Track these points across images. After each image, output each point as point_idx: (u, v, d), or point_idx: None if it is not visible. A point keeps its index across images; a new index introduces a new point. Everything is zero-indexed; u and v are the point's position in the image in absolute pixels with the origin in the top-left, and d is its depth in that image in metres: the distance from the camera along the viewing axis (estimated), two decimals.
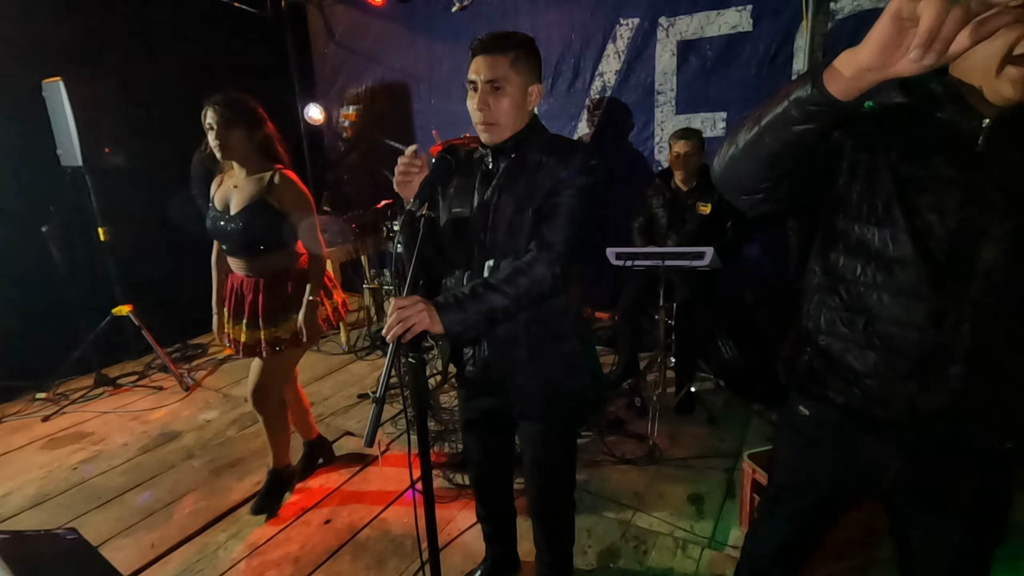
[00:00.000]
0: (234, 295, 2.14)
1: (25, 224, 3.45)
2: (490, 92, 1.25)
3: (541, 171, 1.29)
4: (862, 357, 0.98)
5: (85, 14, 3.70)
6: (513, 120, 1.29)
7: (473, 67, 1.27)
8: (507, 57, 1.25)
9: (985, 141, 0.87)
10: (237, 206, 2.01)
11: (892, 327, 0.94)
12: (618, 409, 2.97)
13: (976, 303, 0.88)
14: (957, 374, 0.90)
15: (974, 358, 0.89)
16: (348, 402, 3.30)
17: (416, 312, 1.13)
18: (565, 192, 1.26)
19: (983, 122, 0.86)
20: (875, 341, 0.96)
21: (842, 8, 2.96)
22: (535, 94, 1.32)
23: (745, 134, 0.85)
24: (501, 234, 1.31)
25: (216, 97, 1.96)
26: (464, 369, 1.44)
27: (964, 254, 0.88)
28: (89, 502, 2.46)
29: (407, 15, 4.37)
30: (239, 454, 2.78)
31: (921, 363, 0.92)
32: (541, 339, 1.38)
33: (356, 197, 4.93)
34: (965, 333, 0.89)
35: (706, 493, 2.30)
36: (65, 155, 3.32)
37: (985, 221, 0.86)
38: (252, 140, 2.00)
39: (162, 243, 4.03)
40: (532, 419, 1.47)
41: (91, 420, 3.23)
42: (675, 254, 2.65)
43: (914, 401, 0.94)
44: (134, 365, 3.94)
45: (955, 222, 0.87)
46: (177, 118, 4.02)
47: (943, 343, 0.90)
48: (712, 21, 3.31)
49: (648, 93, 3.62)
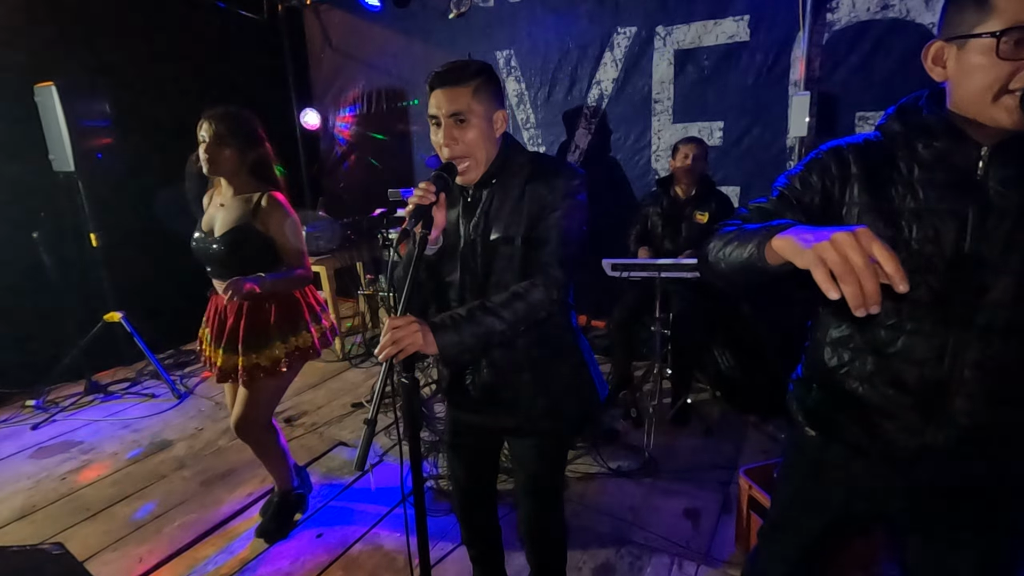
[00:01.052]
0: (217, 317, 2.04)
1: (16, 229, 3.41)
2: (454, 126, 1.21)
3: (526, 197, 1.25)
4: (868, 393, 0.96)
5: (78, 18, 3.67)
6: (485, 152, 1.25)
7: (433, 101, 1.22)
8: (468, 88, 1.20)
9: (984, 169, 0.86)
10: (221, 228, 1.91)
11: (896, 362, 0.92)
12: (614, 420, 2.95)
13: (980, 335, 0.86)
14: (963, 408, 0.89)
15: (979, 391, 0.88)
16: (342, 411, 3.27)
17: (410, 333, 1.10)
18: (553, 216, 1.24)
19: (982, 150, 0.86)
20: (880, 376, 0.94)
21: (839, 19, 2.96)
22: (500, 120, 1.27)
23: (726, 257, 0.89)
24: (490, 263, 1.28)
25: (215, 110, 1.89)
26: (465, 393, 1.41)
27: (965, 286, 0.86)
28: (77, 514, 2.42)
29: (404, 21, 4.36)
30: (230, 465, 2.75)
31: (926, 397, 0.91)
32: (543, 360, 1.36)
33: (352, 202, 4.90)
34: (969, 366, 0.87)
35: (702, 508, 2.28)
36: (57, 160, 3.29)
37: (986, 251, 0.85)
38: (243, 160, 1.92)
39: (154, 248, 3.99)
40: (530, 435, 1.45)
41: (81, 428, 3.19)
42: (671, 265, 2.63)
43: (921, 435, 0.92)
44: (126, 372, 3.90)
45: (954, 253, 0.86)
46: (171, 123, 4.01)
47: (947, 377, 0.89)
48: (710, 31, 3.31)
49: (645, 102, 3.62)
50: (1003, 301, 0.85)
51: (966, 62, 0.81)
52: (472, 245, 1.30)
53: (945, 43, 0.85)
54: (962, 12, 0.81)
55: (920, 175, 0.89)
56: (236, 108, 1.93)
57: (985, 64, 0.78)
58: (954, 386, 0.89)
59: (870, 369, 0.96)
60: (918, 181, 0.89)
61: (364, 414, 3.23)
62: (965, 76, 0.82)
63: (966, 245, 0.85)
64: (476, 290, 1.32)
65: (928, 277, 0.88)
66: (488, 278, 1.30)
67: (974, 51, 0.80)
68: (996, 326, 0.86)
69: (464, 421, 1.50)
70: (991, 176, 0.85)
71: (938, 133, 0.88)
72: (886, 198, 0.91)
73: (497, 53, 4.07)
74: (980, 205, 0.85)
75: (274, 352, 1.99)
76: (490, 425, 1.47)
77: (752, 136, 3.35)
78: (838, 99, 3.06)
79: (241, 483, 2.59)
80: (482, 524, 1.65)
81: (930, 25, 2.73)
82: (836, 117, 3.08)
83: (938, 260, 0.87)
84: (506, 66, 4.07)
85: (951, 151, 0.87)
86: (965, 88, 0.83)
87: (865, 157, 0.94)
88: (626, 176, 3.79)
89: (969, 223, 0.85)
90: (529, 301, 1.21)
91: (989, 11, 0.77)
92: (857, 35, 2.93)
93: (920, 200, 0.89)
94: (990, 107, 0.80)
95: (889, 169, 0.92)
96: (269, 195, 1.92)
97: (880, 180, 0.92)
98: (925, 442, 0.93)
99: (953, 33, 0.83)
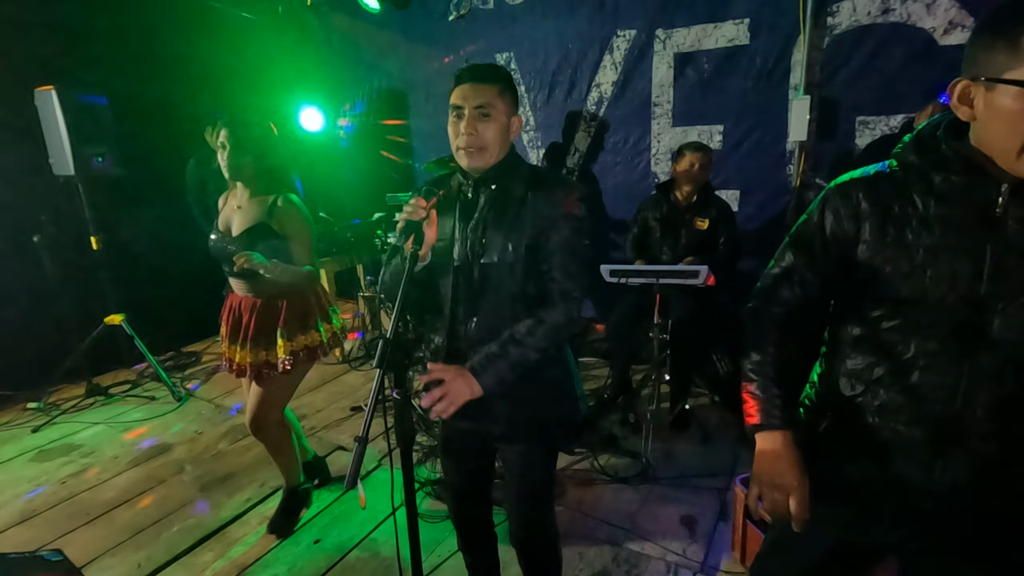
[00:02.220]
0: (232, 315, 2.11)
1: (17, 233, 3.43)
2: (478, 118, 1.26)
3: (527, 206, 1.28)
4: (881, 426, 0.96)
5: (78, 22, 3.68)
6: (499, 146, 1.30)
7: (459, 93, 1.28)
8: (495, 87, 1.27)
9: (1004, 207, 0.83)
10: (238, 228, 1.99)
11: (909, 398, 0.92)
12: (612, 425, 2.95)
13: (994, 375, 0.85)
14: (975, 445, 0.88)
15: (991, 431, 0.87)
16: (341, 415, 3.28)
17: (459, 388, 1.20)
18: (562, 232, 1.27)
19: (1002, 187, 0.83)
20: (893, 411, 0.94)
21: (839, 23, 2.95)
22: (516, 125, 1.34)
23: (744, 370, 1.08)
24: (490, 269, 1.29)
25: (231, 117, 1.96)
26: None
27: (978, 323, 0.85)
28: (77, 519, 2.43)
29: (404, 23, 4.35)
30: (230, 469, 2.76)
31: (938, 434, 0.90)
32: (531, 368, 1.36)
33: (352, 204, 4.90)
34: (982, 405, 0.86)
35: (699, 515, 2.28)
36: (57, 164, 3.29)
37: (1001, 288, 0.83)
38: (261, 163, 1.99)
39: (154, 250, 4.02)
40: (518, 442, 1.46)
41: (82, 432, 3.21)
42: (669, 272, 2.63)
43: (931, 471, 0.92)
44: (127, 374, 3.92)
45: (970, 291, 0.84)
46: (171, 126, 4.03)
47: (959, 415, 0.88)
48: (709, 34, 3.29)
49: (645, 105, 3.61)
50: (1018, 341, 0.83)
51: (996, 105, 0.77)
52: (470, 249, 1.31)
53: (972, 82, 0.80)
54: (992, 52, 0.77)
55: (936, 210, 0.87)
56: (249, 113, 2.01)
57: (1016, 111, 0.74)
58: (966, 424, 0.88)
59: (883, 403, 0.95)
60: (934, 217, 0.87)
61: (363, 417, 3.24)
62: (993, 119, 0.78)
63: (983, 283, 0.84)
64: (470, 296, 1.33)
65: (943, 315, 0.86)
66: (484, 284, 1.31)
67: (1005, 94, 0.75)
68: (1010, 366, 0.84)
69: (456, 427, 1.51)
70: (1011, 214, 0.82)
71: (957, 167, 0.85)
72: (900, 235, 0.89)
73: (497, 55, 4.06)
74: (998, 243, 0.83)
75: (285, 349, 2.05)
76: (480, 431, 1.48)
77: (752, 140, 3.33)
78: (839, 103, 3.04)
79: (240, 488, 2.59)
80: (477, 529, 1.66)
81: (931, 30, 2.72)
82: (837, 121, 3.07)
83: (954, 298, 0.85)
84: (506, 68, 4.06)
85: (970, 186, 0.85)
86: (992, 131, 0.80)
87: (876, 193, 0.92)
88: (625, 179, 3.78)
89: (986, 262, 0.83)
90: (553, 324, 1.26)
91: (1022, 57, 0.73)
92: (858, 39, 2.92)
93: (936, 236, 0.86)
94: (1015, 159, 0.77)
95: (904, 204, 0.89)
96: (285, 197, 2.00)
97: (894, 217, 0.89)
98: (935, 478, 0.92)
99: (981, 73, 0.78)
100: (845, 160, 3.04)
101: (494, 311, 1.31)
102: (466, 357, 1.35)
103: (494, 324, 1.31)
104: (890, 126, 2.92)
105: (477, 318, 1.33)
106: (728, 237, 2.97)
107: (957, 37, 2.67)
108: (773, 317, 1.07)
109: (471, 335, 1.34)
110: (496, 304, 1.31)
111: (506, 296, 1.30)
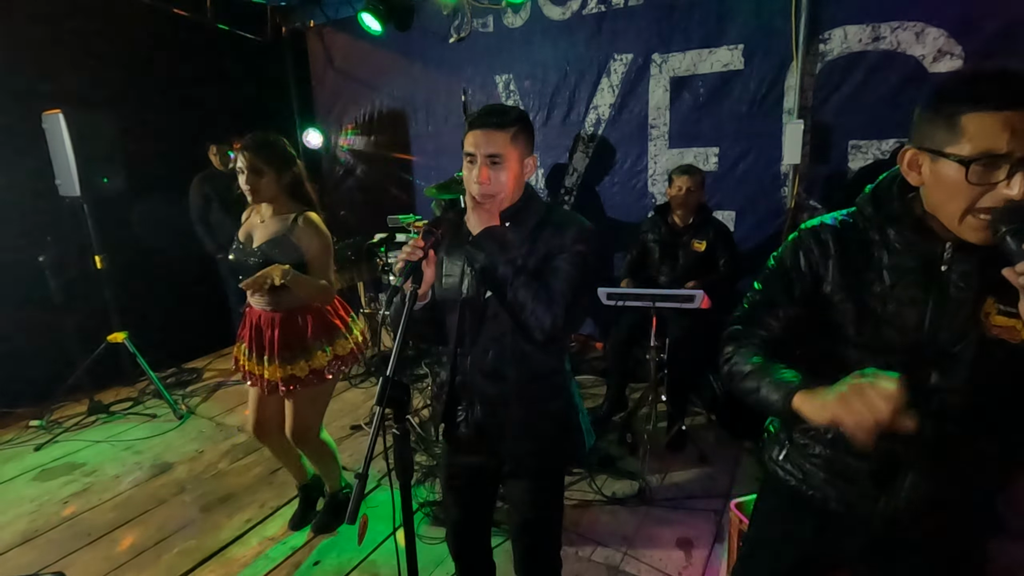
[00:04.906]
0: (253, 329, 2.15)
1: (22, 254, 3.48)
2: (490, 166, 1.27)
3: (538, 241, 1.31)
4: (831, 457, 1.02)
5: (84, 43, 3.75)
6: (512, 192, 1.32)
7: (472, 140, 1.29)
8: (507, 133, 1.27)
9: (948, 263, 0.89)
10: (258, 241, 2.05)
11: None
12: (609, 445, 2.98)
13: (933, 417, 0.90)
14: (913, 483, 0.94)
15: (929, 470, 0.93)
16: (341, 433, 3.30)
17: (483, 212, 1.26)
18: (561, 256, 1.30)
19: (946, 245, 0.89)
20: (840, 444, 1.00)
21: (831, 50, 3.01)
22: (531, 166, 1.35)
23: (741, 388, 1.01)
24: (497, 302, 1.32)
25: (247, 140, 2.01)
26: (457, 430, 1.45)
27: (921, 370, 0.91)
28: (78, 539, 2.45)
29: (405, 44, 4.43)
30: (231, 489, 2.78)
31: (881, 469, 0.96)
32: (533, 399, 1.40)
33: (354, 222, 4.96)
34: (921, 445, 0.91)
35: (695, 537, 2.30)
36: (64, 185, 3.35)
37: (942, 339, 0.89)
38: (280, 184, 2.05)
39: (158, 269, 4.06)
40: (523, 477, 1.48)
41: (84, 450, 3.23)
42: (666, 296, 2.67)
43: (875, 502, 0.98)
44: (129, 391, 3.94)
45: (913, 339, 0.90)
46: (176, 145, 4.09)
47: (901, 453, 0.94)
48: (704, 59, 3.36)
49: (642, 127, 3.67)
50: (955, 387, 0.89)
51: (939, 174, 0.83)
52: (479, 284, 1.34)
53: (919, 151, 0.87)
54: (933, 126, 0.83)
55: (889, 260, 0.93)
56: (263, 134, 2.06)
57: (956, 181, 0.80)
58: (907, 462, 0.94)
59: (835, 436, 1.01)
60: (887, 266, 0.94)
61: (363, 437, 3.26)
62: (937, 185, 0.85)
63: (924, 332, 0.90)
64: (476, 330, 1.36)
65: (889, 358, 0.92)
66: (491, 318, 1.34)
67: (947, 166, 0.82)
68: (948, 410, 0.90)
69: (460, 463, 1.53)
70: (954, 270, 0.89)
71: (907, 224, 0.92)
72: (858, 281, 0.95)
73: (496, 77, 4.14)
74: (941, 296, 0.89)
75: (317, 361, 2.12)
76: (484, 467, 1.50)
77: (748, 162, 3.39)
78: (831, 127, 3.10)
79: (240, 508, 2.61)
80: (476, 564, 1.67)
81: (920, 57, 2.78)
82: (830, 144, 3.12)
83: (899, 343, 0.91)
84: (505, 89, 4.13)
85: (918, 242, 0.91)
86: (937, 196, 0.86)
87: (840, 239, 0.99)
88: (623, 200, 3.84)
89: (928, 312, 0.90)
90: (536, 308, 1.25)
91: (959, 135, 0.79)
92: (849, 65, 2.98)
93: (887, 286, 0.93)
94: (957, 224, 0.83)
95: (863, 252, 0.96)
96: (305, 215, 2.06)
97: (854, 264, 0.96)
98: (878, 508, 0.99)
99: (925, 144, 0.85)
100: (839, 183, 3.10)
101: (498, 344, 1.34)
102: (470, 390, 1.38)
103: (498, 357, 1.34)
104: (882, 150, 2.97)
105: (481, 351, 1.36)
106: (727, 259, 3.01)
107: (946, 64, 2.73)
108: (753, 339, 1.11)
109: (476, 368, 1.37)
110: (500, 337, 1.34)
111: (511, 329, 1.32)
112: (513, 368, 1.36)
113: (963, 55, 2.69)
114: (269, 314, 2.10)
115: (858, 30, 2.91)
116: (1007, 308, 0.84)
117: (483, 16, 4.05)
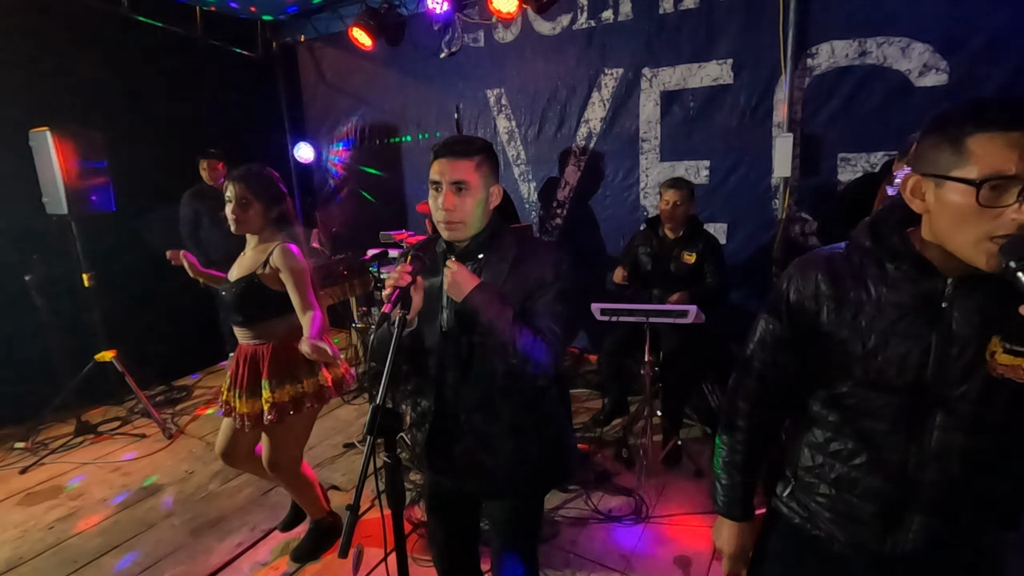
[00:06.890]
0: (246, 366, 2.07)
1: (8, 273, 3.43)
2: (455, 193, 1.27)
3: (512, 277, 1.30)
4: (837, 497, 1.00)
5: (72, 62, 3.73)
6: (477, 219, 1.30)
7: (437, 168, 1.28)
8: (472, 161, 1.27)
9: (949, 300, 0.87)
10: (235, 275, 2.04)
11: (861, 474, 0.96)
12: (605, 460, 2.96)
13: (938, 457, 0.89)
14: (920, 523, 0.92)
15: (936, 510, 0.91)
16: (334, 452, 3.26)
17: (465, 275, 1.24)
18: (546, 296, 1.29)
19: (947, 281, 0.86)
20: (847, 485, 0.98)
21: (819, 64, 3.04)
22: (496, 194, 1.34)
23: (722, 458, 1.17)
24: (479, 336, 1.30)
25: (239, 172, 1.99)
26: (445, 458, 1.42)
27: (924, 408, 0.89)
28: (65, 566, 2.39)
29: (396, 59, 4.44)
30: (220, 511, 2.73)
31: (887, 509, 0.94)
32: (528, 428, 1.38)
33: (346, 235, 4.94)
34: (927, 485, 0.90)
35: (692, 555, 2.28)
36: (51, 203, 3.31)
37: (946, 378, 0.87)
38: (267, 216, 2.03)
39: (146, 287, 4.02)
40: (505, 497, 1.46)
41: (70, 472, 3.17)
42: (659, 311, 2.67)
43: (883, 543, 0.96)
44: (117, 410, 3.88)
45: (916, 378, 0.88)
46: (166, 162, 4.06)
47: (907, 493, 0.92)
48: (694, 73, 3.39)
49: (633, 140, 3.69)
50: (960, 426, 0.87)
51: (945, 200, 0.80)
52: (458, 317, 1.32)
53: (922, 178, 0.84)
54: (938, 151, 0.80)
55: (888, 296, 0.90)
56: (258, 167, 2.04)
57: (964, 206, 0.77)
58: (913, 502, 0.92)
59: (839, 476, 0.99)
60: (886, 302, 0.90)
61: (356, 455, 3.22)
62: (943, 212, 0.81)
63: (928, 371, 0.87)
64: (459, 361, 1.34)
65: (892, 397, 0.90)
66: (473, 350, 1.32)
67: (953, 191, 0.79)
68: (953, 450, 0.88)
69: (443, 485, 1.51)
70: (955, 307, 0.86)
71: (906, 259, 0.89)
72: (856, 318, 0.92)
73: (488, 91, 4.15)
74: (943, 334, 0.86)
75: (296, 389, 2.07)
76: (469, 489, 1.48)
77: (738, 175, 3.41)
78: (820, 141, 3.13)
79: (231, 531, 2.57)
80: None
81: (907, 72, 2.81)
82: (819, 158, 3.15)
83: (901, 382, 0.89)
84: (496, 104, 4.14)
85: (918, 278, 0.88)
86: (943, 223, 0.82)
87: (834, 274, 0.95)
88: (615, 212, 3.85)
89: (932, 350, 0.87)
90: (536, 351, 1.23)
91: (966, 157, 0.76)
92: (837, 80, 3.01)
93: (887, 322, 0.90)
94: (970, 248, 0.79)
95: (859, 288, 0.93)
96: (282, 247, 2.00)
97: (850, 300, 0.93)
98: (886, 549, 0.96)
99: (929, 170, 0.82)
100: (828, 195, 3.12)
101: (483, 375, 1.32)
102: (456, 420, 1.36)
103: (483, 388, 1.33)
104: (870, 163, 3.00)
105: (469, 386, 1.34)
106: (714, 272, 3.02)
107: (932, 79, 2.76)
108: (748, 393, 1.11)
109: (460, 399, 1.35)
110: (485, 369, 1.32)
111: (495, 361, 1.30)
112: (505, 402, 1.34)
113: (948, 70, 2.72)
114: (252, 347, 2.06)
115: (845, 45, 2.95)
116: (1013, 347, 0.81)
117: (474, 31, 4.07)
